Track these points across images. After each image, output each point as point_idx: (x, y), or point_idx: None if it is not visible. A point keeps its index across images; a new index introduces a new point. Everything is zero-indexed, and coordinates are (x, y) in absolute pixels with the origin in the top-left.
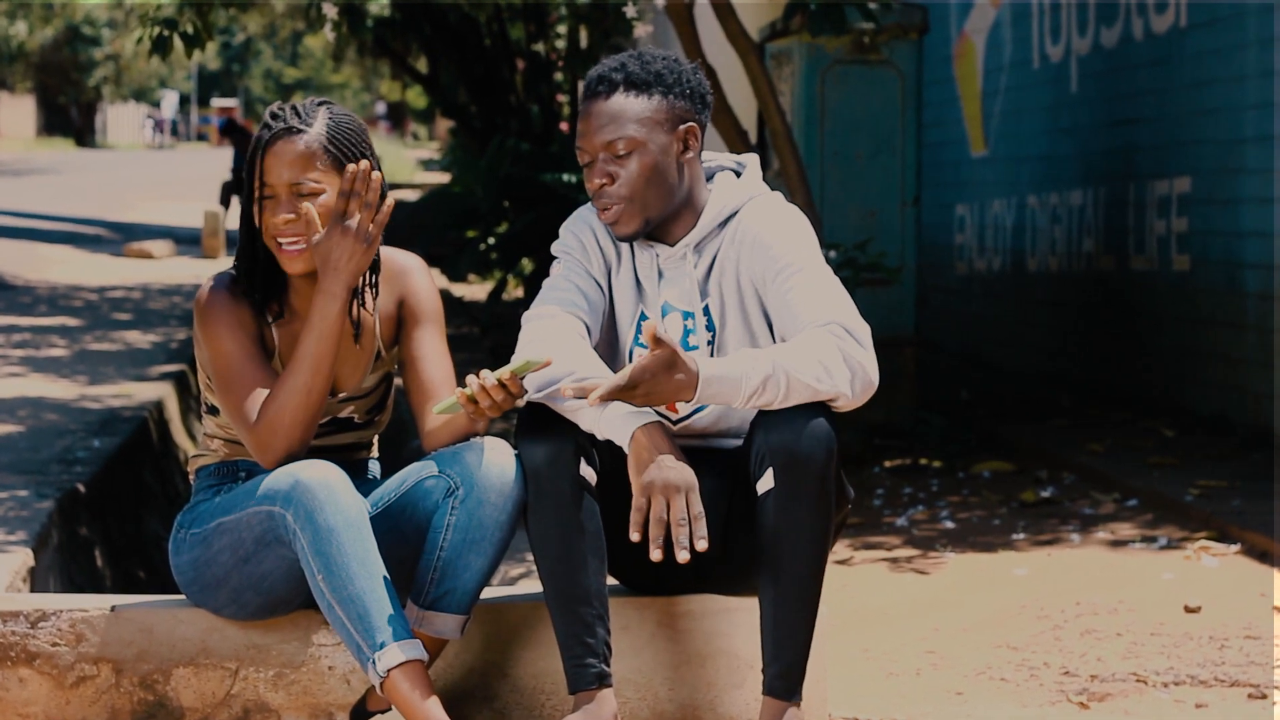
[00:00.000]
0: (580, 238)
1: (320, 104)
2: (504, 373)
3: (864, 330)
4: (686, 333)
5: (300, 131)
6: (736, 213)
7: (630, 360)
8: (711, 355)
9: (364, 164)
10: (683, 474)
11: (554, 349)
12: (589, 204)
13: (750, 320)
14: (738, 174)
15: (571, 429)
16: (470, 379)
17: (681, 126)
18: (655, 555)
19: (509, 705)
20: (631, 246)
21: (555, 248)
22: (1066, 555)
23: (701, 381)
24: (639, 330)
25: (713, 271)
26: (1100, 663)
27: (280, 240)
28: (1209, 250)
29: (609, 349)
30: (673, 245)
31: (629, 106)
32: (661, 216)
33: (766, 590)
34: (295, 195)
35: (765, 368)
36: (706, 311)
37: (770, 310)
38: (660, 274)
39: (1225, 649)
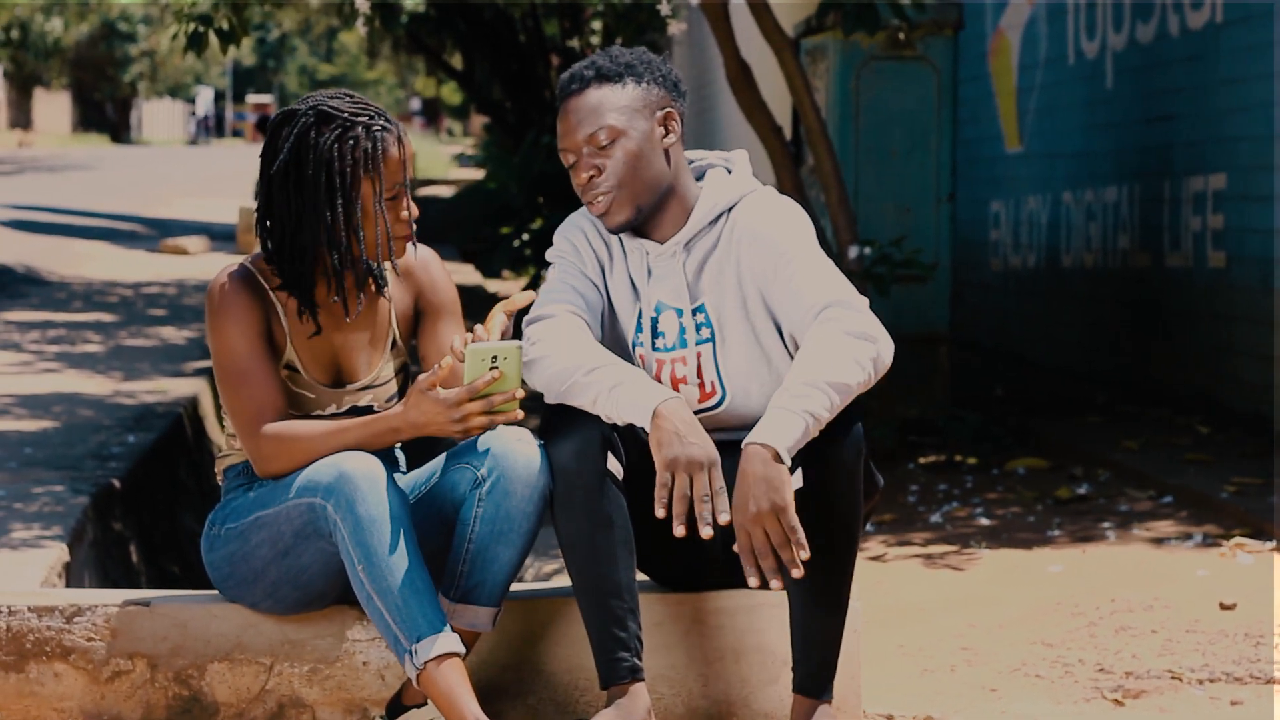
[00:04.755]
0: (573, 241)
1: (353, 95)
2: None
3: (862, 301)
4: (681, 330)
5: (401, 130)
6: (730, 210)
7: (635, 354)
8: (714, 354)
9: (521, 393)
10: (705, 449)
11: (561, 346)
12: (581, 209)
13: (753, 319)
14: (729, 171)
15: (597, 423)
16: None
17: (660, 112)
18: (679, 531)
19: (542, 701)
20: (623, 246)
21: (549, 254)
22: (1101, 552)
23: (784, 453)
24: (639, 328)
25: (708, 269)
26: (1135, 660)
27: (403, 232)
28: (1244, 247)
29: (615, 349)
30: (663, 243)
31: (605, 97)
32: (652, 204)
33: (796, 590)
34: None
35: (821, 399)
36: (702, 309)
37: (775, 304)
38: (650, 272)
39: (1260, 646)
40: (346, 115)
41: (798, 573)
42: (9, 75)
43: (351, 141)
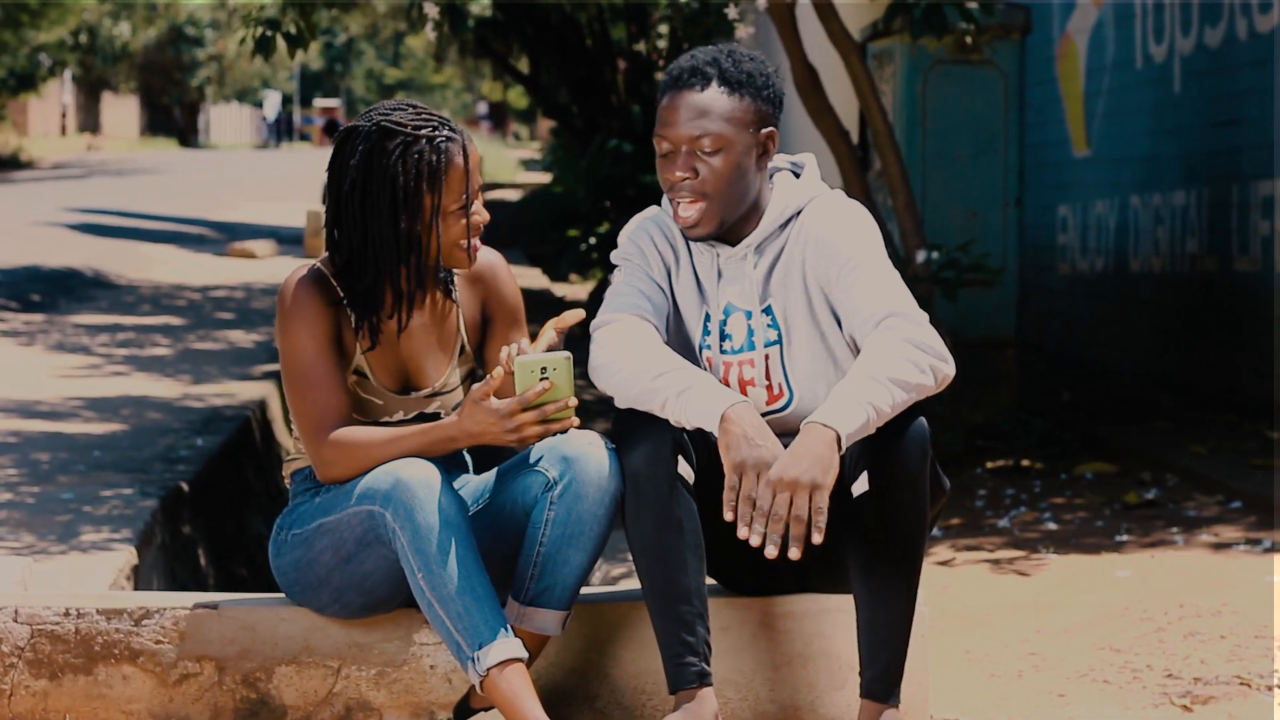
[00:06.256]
0: (638, 244)
1: (416, 106)
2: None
3: (922, 315)
4: (750, 332)
5: (466, 138)
6: (799, 213)
7: (701, 356)
8: (781, 356)
9: (574, 402)
10: (774, 451)
11: (629, 351)
12: (648, 210)
13: (819, 320)
14: (796, 174)
15: (668, 427)
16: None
17: (764, 130)
18: (743, 533)
19: (609, 705)
20: (689, 247)
21: (615, 256)
22: (1169, 557)
23: (844, 439)
24: (705, 331)
25: (776, 271)
26: (1204, 665)
27: (469, 241)
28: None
29: (681, 352)
30: (734, 245)
31: (720, 103)
32: (735, 218)
33: (862, 594)
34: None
35: (883, 393)
36: (769, 311)
37: (837, 307)
38: (720, 274)
39: None
40: (409, 130)
41: (796, 553)
42: (78, 80)
43: (416, 156)
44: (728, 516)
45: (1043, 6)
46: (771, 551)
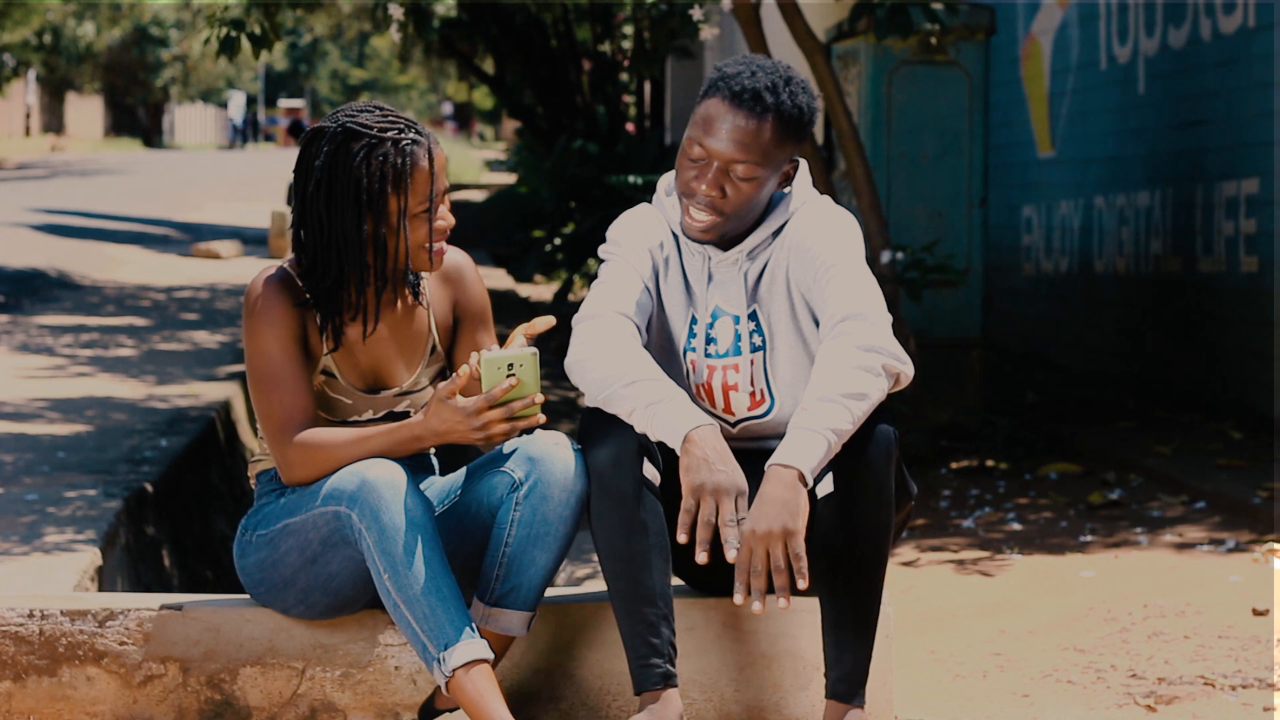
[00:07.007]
0: (629, 240)
1: (382, 108)
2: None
3: (884, 317)
4: (736, 337)
5: (431, 140)
6: (788, 220)
7: (685, 359)
8: (765, 362)
9: (540, 398)
10: (732, 478)
11: (607, 352)
12: (640, 206)
13: (801, 327)
14: None
15: (635, 429)
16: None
17: (789, 164)
18: (700, 558)
19: (575, 705)
20: (680, 249)
21: (603, 250)
22: (1134, 558)
23: (808, 474)
24: (691, 334)
25: (764, 278)
26: (1167, 665)
27: (436, 243)
28: (1277, 251)
29: (663, 353)
30: (725, 250)
31: (768, 138)
32: (735, 232)
33: (827, 595)
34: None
35: (840, 413)
36: (754, 317)
37: (816, 313)
38: (710, 277)
39: None
40: (375, 132)
41: (785, 603)
42: (42, 80)
43: (380, 158)
44: (681, 538)
45: (1007, 7)
46: (757, 608)
